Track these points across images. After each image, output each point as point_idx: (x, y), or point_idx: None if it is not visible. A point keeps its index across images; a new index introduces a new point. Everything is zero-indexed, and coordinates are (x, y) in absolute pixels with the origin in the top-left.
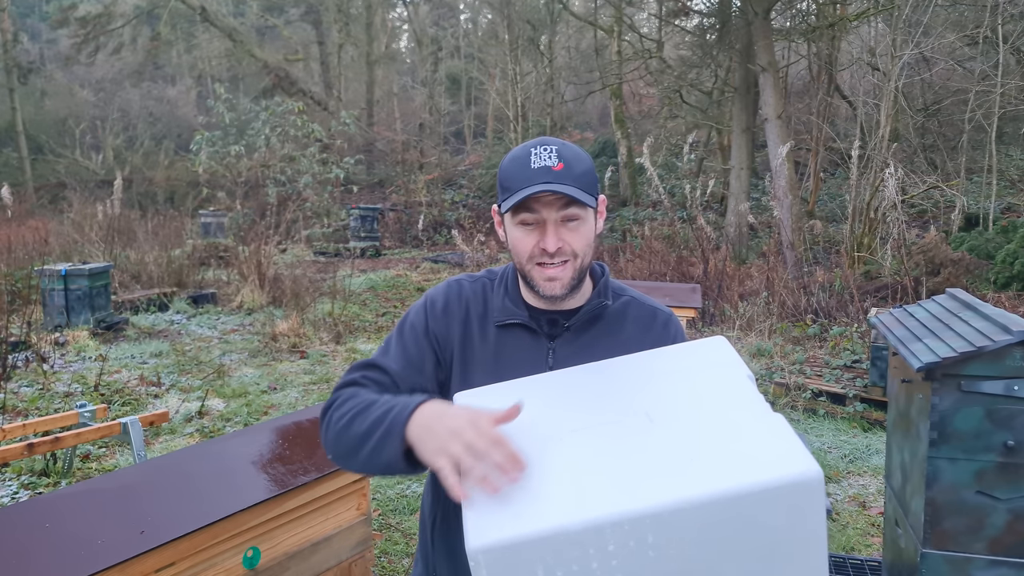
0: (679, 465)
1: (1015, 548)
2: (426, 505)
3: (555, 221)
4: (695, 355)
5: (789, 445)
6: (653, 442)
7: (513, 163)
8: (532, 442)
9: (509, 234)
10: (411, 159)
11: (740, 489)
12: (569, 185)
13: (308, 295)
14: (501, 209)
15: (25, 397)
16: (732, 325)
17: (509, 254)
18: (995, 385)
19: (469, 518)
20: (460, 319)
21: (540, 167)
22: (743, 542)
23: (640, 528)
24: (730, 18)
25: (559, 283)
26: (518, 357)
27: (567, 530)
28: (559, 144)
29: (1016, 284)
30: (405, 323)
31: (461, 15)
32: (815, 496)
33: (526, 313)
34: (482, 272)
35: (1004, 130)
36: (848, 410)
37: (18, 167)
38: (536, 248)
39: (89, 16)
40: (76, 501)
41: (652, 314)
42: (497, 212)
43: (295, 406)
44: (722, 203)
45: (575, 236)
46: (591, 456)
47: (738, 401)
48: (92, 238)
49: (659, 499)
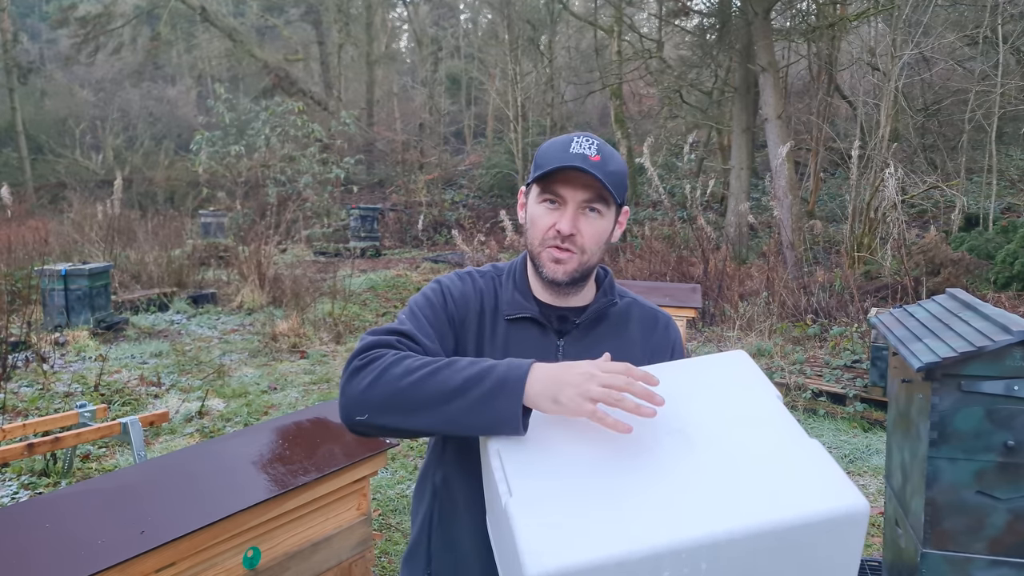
0: (728, 492)
1: (1015, 548)
2: (421, 502)
3: (576, 206)
4: (720, 370)
5: (834, 474)
6: (694, 465)
7: (553, 145)
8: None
9: (530, 211)
10: (411, 159)
11: (795, 520)
12: (600, 176)
13: (308, 295)
14: (529, 179)
15: (25, 397)
16: (732, 325)
17: (510, 254)
18: (995, 385)
19: (522, 540)
20: (476, 310)
21: (578, 153)
22: (787, 566)
23: (696, 557)
24: (730, 18)
25: (563, 268)
26: (527, 352)
27: (626, 559)
28: (601, 141)
29: (1016, 284)
30: (423, 299)
31: (461, 15)
32: (860, 526)
33: (536, 308)
34: (487, 267)
35: (1004, 130)
36: (848, 410)
37: (18, 167)
38: (552, 230)
39: (89, 16)
40: (76, 501)
41: (654, 316)
42: (523, 193)
43: (295, 406)
44: (722, 203)
45: (590, 229)
46: (634, 479)
47: (773, 423)
48: (92, 238)
49: (716, 528)
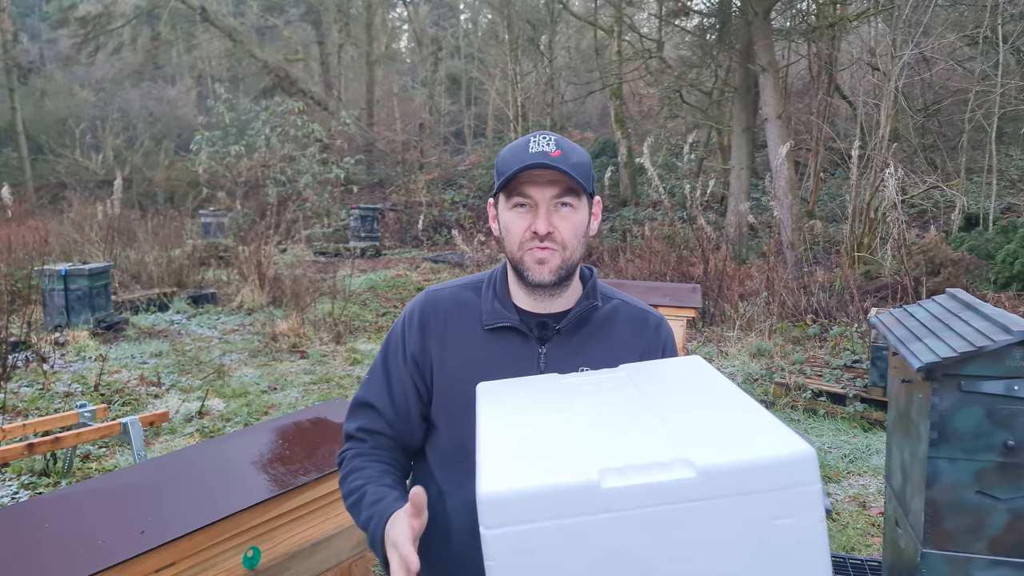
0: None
1: (1015, 548)
2: None
3: (547, 204)
4: (677, 368)
5: (783, 431)
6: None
7: (511, 151)
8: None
9: (502, 221)
10: (411, 159)
11: (741, 462)
12: (564, 169)
13: (308, 295)
14: (494, 190)
15: (25, 397)
16: (732, 325)
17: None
18: (995, 385)
19: (482, 467)
20: (438, 332)
21: (538, 151)
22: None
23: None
24: (730, 18)
25: (547, 267)
26: (508, 361)
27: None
28: (558, 136)
29: (1016, 284)
30: (388, 350)
31: (461, 15)
32: (811, 473)
33: (516, 316)
34: (465, 280)
35: (1004, 130)
36: (848, 410)
37: (18, 167)
38: (528, 232)
39: (89, 16)
40: (76, 501)
41: (643, 317)
42: (492, 206)
43: (295, 406)
44: (722, 203)
45: (566, 224)
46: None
47: (728, 396)
48: (92, 238)
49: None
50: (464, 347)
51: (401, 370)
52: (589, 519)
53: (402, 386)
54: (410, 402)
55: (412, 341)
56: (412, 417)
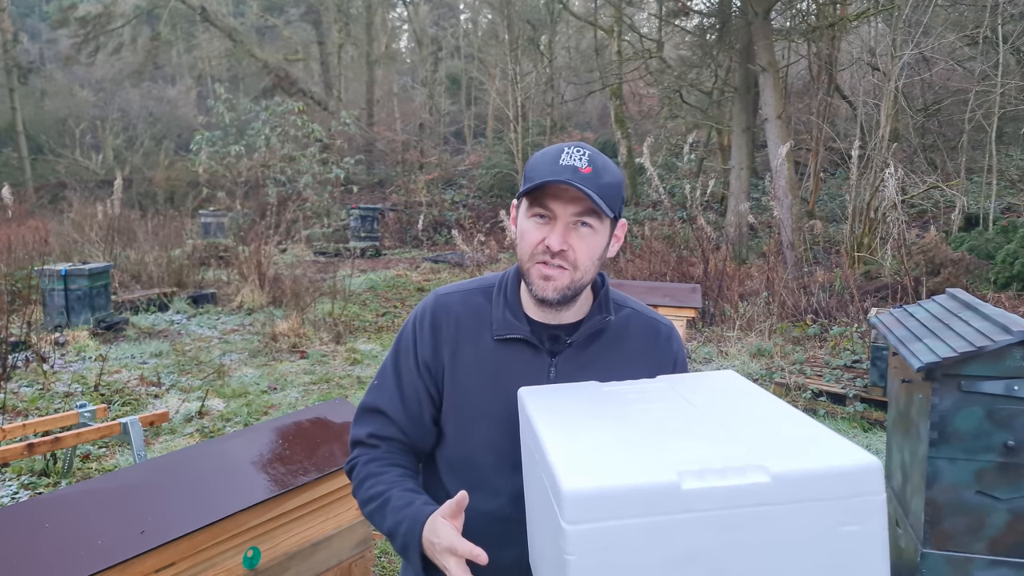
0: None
1: (1015, 548)
2: None
3: (567, 222)
4: (717, 381)
5: (844, 443)
6: (714, 432)
7: (543, 156)
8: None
9: (520, 225)
10: (411, 159)
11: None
12: (591, 189)
13: (308, 295)
14: (520, 191)
15: (25, 397)
16: (732, 325)
17: (510, 254)
18: (995, 385)
19: (557, 464)
20: (450, 337)
21: (568, 165)
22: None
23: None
24: (730, 18)
25: (552, 285)
26: (518, 372)
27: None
28: (593, 151)
29: (1016, 284)
30: (399, 353)
31: (461, 15)
32: (876, 483)
33: (527, 327)
34: (475, 284)
35: (1004, 130)
36: (848, 410)
37: (18, 167)
38: (541, 245)
39: (89, 16)
40: (76, 501)
41: (655, 328)
42: (515, 206)
43: (295, 406)
44: (722, 203)
45: (582, 244)
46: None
47: (781, 411)
48: (92, 238)
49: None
50: (475, 356)
51: (413, 374)
52: (669, 519)
53: (414, 391)
54: (423, 407)
55: (423, 345)
56: (425, 422)
